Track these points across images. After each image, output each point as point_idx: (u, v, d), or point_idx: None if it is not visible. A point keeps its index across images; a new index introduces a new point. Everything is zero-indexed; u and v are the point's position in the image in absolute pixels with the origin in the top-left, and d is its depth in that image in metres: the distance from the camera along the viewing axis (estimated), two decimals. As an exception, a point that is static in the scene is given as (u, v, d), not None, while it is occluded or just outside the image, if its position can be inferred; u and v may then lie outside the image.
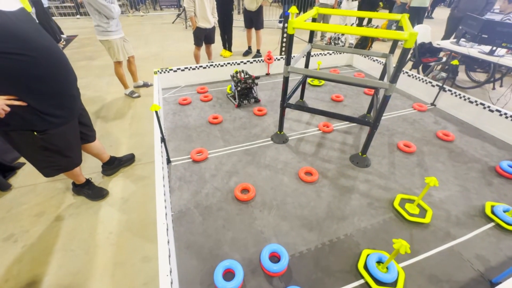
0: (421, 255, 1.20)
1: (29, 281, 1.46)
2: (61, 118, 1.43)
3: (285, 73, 1.64)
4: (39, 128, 1.36)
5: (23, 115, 1.28)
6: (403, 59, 1.27)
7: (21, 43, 1.18)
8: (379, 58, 3.05)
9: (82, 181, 1.96)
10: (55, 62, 1.34)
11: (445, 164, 1.76)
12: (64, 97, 1.42)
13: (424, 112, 2.40)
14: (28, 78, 1.23)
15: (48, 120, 1.37)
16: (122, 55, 3.32)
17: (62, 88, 1.39)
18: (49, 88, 1.33)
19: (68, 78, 1.44)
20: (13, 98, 1.23)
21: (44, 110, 1.33)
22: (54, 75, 1.33)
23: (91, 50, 5.57)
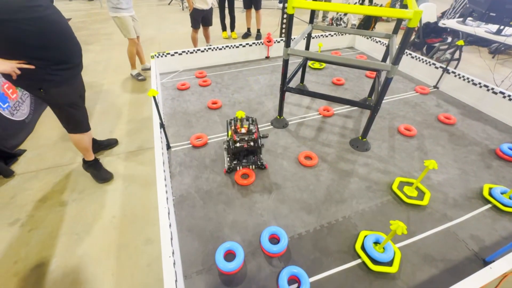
0: (417, 236, 1.23)
1: (38, 263, 1.52)
2: (63, 79, 1.60)
3: (284, 56, 1.60)
4: (44, 87, 1.55)
5: (30, 76, 1.47)
6: (406, 40, 1.23)
7: (31, 14, 1.36)
8: (382, 39, 2.96)
9: (91, 158, 2.05)
10: (61, 33, 1.51)
11: (445, 147, 1.76)
12: (67, 64, 1.59)
13: (427, 95, 2.36)
14: (37, 46, 1.42)
15: (51, 80, 1.54)
16: (132, 32, 3.28)
17: (65, 56, 1.57)
18: (54, 55, 1.50)
19: (72, 48, 1.61)
20: (23, 62, 1.42)
21: (49, 72, 1.51)
22: (59, 45, 1.51)
23: (86, 34, 5.42)
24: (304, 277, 1.03)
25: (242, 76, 2.71)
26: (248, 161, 1.55)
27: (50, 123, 2.75)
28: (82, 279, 1.44)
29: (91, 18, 6.55)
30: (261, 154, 1.55)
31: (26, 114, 2.65)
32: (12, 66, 1.39)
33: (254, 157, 1.57)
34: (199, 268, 1.12)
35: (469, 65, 4.12)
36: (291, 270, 1.05)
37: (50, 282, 1.43)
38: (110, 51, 4.60)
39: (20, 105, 2.61)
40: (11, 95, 2.52)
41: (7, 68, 1.38)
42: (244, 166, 1.54)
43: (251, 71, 2.82)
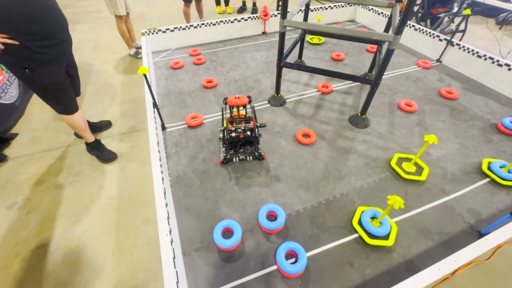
0: (414, 210, 1.23)
1: (38, 244, 1.53)
2: (51, 56, 1.53)
3: (281, 28, 1.51)
4: (29, 66, 1.48)
5: (16, 53, 1.41)
6: (409, 7, 1.15)
7: None
8: (384, 11, 2.81)
9: (91, 139, 2.04)
10: (45, 7, 1.44)
11: (445, 122, 1.73)
12: (54, 39, 1.52)
13: (429, 69, 2.28)
14: (19, 19, 1.35)
15: (36, 58, 1.47)
16: (121, 8, 3.03)
17: (51, 30, 1.50)
18: (39, 29, 1.43)
19: (57, 21, 1.53)
20: (6, 37, 1.35)
21: (35, 50, 1.44)
22: (43, 18, 1.44)
23: (73, 12, 5.13)
24: (301, 252, 1.04)
25: (238, 53, 2.60)
26: (245, 151, 1.46)
27: (41, 105, 2.66)
28: (82, 259, 1.46)
29: (76, -6, 6.16)
30: (259, 144, 1.46)
31: (15, 96, 2.56)
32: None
33: (251, 147, 1.47)
34: (198, 245, 1.13)
35: (475, 37, 3.97)
36: (288, 245, 1.06)
37: (51, 262, 1.45)
38: (99, 30, 4.38)
39: (8, 87, 2.51)
40: (-3, 77, 2.41)
41: None
42: (241, 158, 1.46)
43: (247, 47, 2.70)
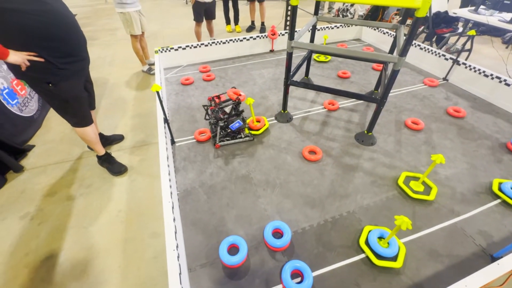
0: (423, 231, 1.21)
1: (47, 255, 1.56)
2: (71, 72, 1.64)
3: (288, 49, 1.57)
4: (53, 81, 1.58)
5: (39, 69, 1.50)
6: (414, 30, 1.19)
7: (41, 6, 1.42)
8: (390, 31, 2.88)
9: (102, 152, 2.10)
10: (69, 26, 1.56)
11: (453, 141, 1.72)
12: (75, 56, 1.64)
13: (435, 87, 2.30)
14: (46, 38, 1.46)
15: (60, 74, 1.58)
16: (137, 28, 3.26)
17: (74, 49, 1.61)
18: (63, 46, 1.54)
19: (79, 41, 1.66)
20: (33, 55, 1.45)
21: (58, 66, 1.55)
22: (68, 37, 1.56)
23: (91, 30, 5.44)
24: (307, 271, 1.03)
25: (246, 70, 2.68)
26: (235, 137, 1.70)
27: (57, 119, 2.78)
28: (90, 271, 1.48)
29: (96, 14, 6.57)
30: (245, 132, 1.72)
31: (34, 110, 2.70)
32: (23, 57, 1.41)
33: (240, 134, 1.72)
34: (203, 261, 1.13)
35: (481, 56, 3.99)
36: (294, 264, 1.05)
37: (59, 274, 1.47)
38: (115, 47, 4.62)
39: (29, 101, 2.65)
40: (20, 91, 2.56)
41: (18, 59, 1.40)
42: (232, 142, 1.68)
43: (255, 65, 2.79)
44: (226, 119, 1.63)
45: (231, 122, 1.62)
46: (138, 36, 3.37)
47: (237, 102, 1.67)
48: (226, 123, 1.64)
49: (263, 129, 1.82)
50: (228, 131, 1.68)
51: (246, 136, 1.73)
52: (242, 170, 1.55)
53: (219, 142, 1.67)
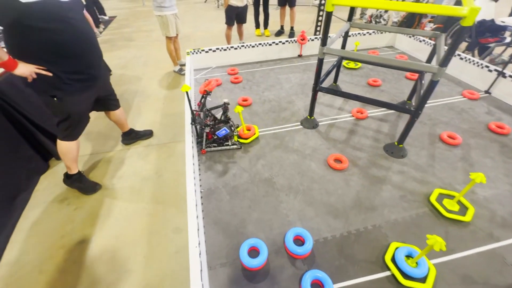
0: (456, 254, 1.13)
1: (80, 240, 1.69)
2: (77, 89, 1.63)
3: (320, 55, 1.56)
4: (58, 95, 1.57)
5: (47, 83, 1.50)
6: (458, 40, 1.13)
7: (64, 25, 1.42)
8: (427, 39, 2.74)
9: (75, 170, 1.96)
10: (86, 44, 1.57)
11: (495, 159, 1.59)
12: (84, 74, 1.63)
13: (476, 100, 2.14)
14: (61, 54, 1.47)
15: (67, 89, 1.57)
16: (172, 31, 3.43)
17: (85, 66, 1.61)
18: (75, 63, 1.55)
19: (92, 58, 1.65)
20: (42, 68, 1.45)
21: (66, 81, 1.54)
22: (82, 54, 1.56)
23: (129, 31, 5.81)
24: (328, 283, 1.01)
25: (273, 74, 2.70)
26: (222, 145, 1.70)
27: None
28: (117, 258, 1.57)
29: (134, 16, 7.00)
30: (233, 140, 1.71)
31: (75, 103, 2.93)
32: (31, 70, 1.42)
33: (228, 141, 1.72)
34: (223, 260, 1.15)
35: None
36: (314, 273, 1.04)
37: (90, 257, 1.58)
38: (149, 47, 4.88)
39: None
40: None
41: (26, 72, 1.40)
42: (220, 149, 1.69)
43: (283, 69, 2.80)
44: (212, 125, 1.61)
45: (218, 129, 1.60)
46: (173, 38, 3.54)
47: (225, 109, 1.65)
48: (213, 130, 1.61)
49: (253, 138, 1.78)
50: (215, 138, 1.66)
51: (233, 144, 1.71)
52: (265, 173, 1.56)
53: (205, 147, 1.67)
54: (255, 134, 1.80)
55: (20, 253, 1.64)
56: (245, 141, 1.77)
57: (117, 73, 3.92)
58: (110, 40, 5.29)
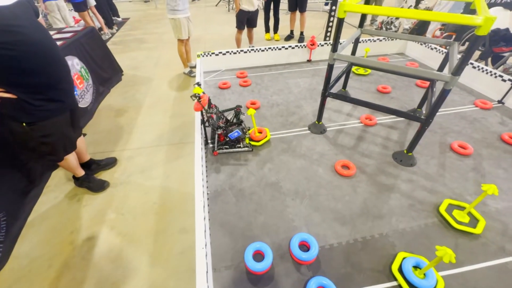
0: (466, 267, 1.11)
1: (89, 236, 1.72)
2: (51, 110, 1.45)
3: (330, 60, 1.56)
4: (27, 120, 1.39)
5: (12, 107, 1.33)
6: (472, 48, 1.12)
7: (11, 37, 1.20)
8: (439, 47, 2.71)
9: (81, 173, 1.95)
10: (46, 58, 1.35)
11: (508, 171, 1.55)
12: (54, 90, 1.43)
13: (489, 110, 2.10)
14: (18, 71, 1.26)
15: (36, 113, 1.39)
16: (184, 33, 3.52)
17: (52, 82, 1.40)
18: (38, 82, 1.34)
19: (58, 73, 1.44)
20: (2, 91, 1.27)
21: (33, 103, 1.35)
22: (44, 69, 1.34)
23: (141, 33, 5.94)
24: (333, 290, 1.00)
25: (282, 78, 2.71)
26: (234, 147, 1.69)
27: (107, 111, 3.08)
28: (123, 256, 1.60)
29: (146, 18, 7.15)
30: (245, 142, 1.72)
31: (88, 102, 3.01)
32: None
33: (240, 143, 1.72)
34: (228, 263, 1.16)
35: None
36: (320, 280, 1.03)
37: (97, 254, 1.61)
38: (161, 49, 4.97)
39: (85, 94, 2.97)
40: (79, 84, 2.88)
41: None
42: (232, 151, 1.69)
43: (291, 73, 2.81)
44: (225, 127, 1.63)
45: (230, 131, 1.61)
46: (184, 40, 3.60)
47: (237, 112, 1.70)
48: (225, 132, 1.63)
49: (264, 140, 1.78)
50: (227, 140, 1.67)
51: (245, 147, 1.72)
52: (272, 177, 1.56)
53: (217, 149, 1.68)
54: (267, 136, 1.81)
55: (31, 247, 1.68)
56: (256, 143, 1.78)
57: (129, 73, 4.01)
58: (122, 42, 5.42)
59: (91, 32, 3.38)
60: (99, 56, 3.47)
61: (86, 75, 3.06)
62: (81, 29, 3.28)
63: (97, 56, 3.39)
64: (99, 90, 3.32)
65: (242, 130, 1.63)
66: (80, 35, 3.11)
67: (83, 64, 3.04)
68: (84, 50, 3.12)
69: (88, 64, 3.16)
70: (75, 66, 2.84)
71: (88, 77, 3.10)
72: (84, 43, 3.14)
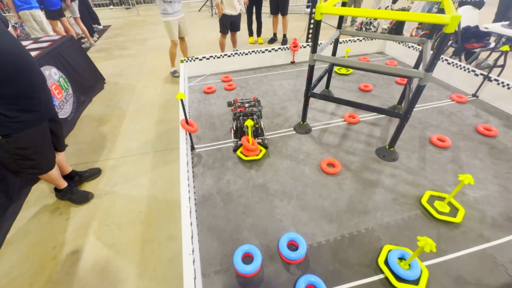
0: (448, 255, 1.14)
1: (73, 250, 1.65)
2: (27, 121, 1.41)
3: (310, 61, 1.59)
4: (2, 132, 1.35)
5: None
6: (442, 46, 1.17)
7: None
8: (415, 45, 2.82)
9: (63, 185, 1.89)
10: (18, 66, 1.32)
11: (483, 161, 1.62)
12: (29, 100, 1.39)
13: (464, 104, 2.20)
14: None
15: (11, 124, 1.35)
16: (175, 35, 3.65)
17: (26, 91, 1.37)
18: (11, 91, 1.31)
19: (32, 81, 1.40)
20: None
21: (7, 114, 1.32)
22: (19, 79, 1.31)
23: (123, 40, 5.84)
24: (323, 287, 1.00)
25: (267, 80, 2.74)
26: None
27: (88, 121, 3.00)
28: (109, 268, 1.54)
29: (128, 25, 7.04)
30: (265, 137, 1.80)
31: (68, 112, 2.92)
32: None
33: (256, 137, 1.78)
34: (217, 268, 1.14)
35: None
36: (309, 278, 1.04)
37: (82, 268, 1.55)
38: (144, 56, 4.90)
39: (64, 104, 2.87)
40: (57, 95, 2.79)
41: None
42: None
43: (276, 75, 2.84)
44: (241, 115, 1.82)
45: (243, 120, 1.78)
46: (177, 41, 3.73)
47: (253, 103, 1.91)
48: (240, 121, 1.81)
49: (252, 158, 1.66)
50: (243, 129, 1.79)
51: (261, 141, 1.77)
52: (259, 179, 1.57)
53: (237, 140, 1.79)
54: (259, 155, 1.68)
55: (11, 265, 1.60)
56: (245, 157, 1.68)
57: (112, 81, 3.93)
58: (104, 49, 5.31)
59: (69, 41, 3.29)
60: (79, 64, 3.38)
61: (65, 84, 2.97)
62: (58, 38, 3.19)
63: (77, 64, 3.30)
64: (80, 100, 3.23)
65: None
66: (58, 44, 3.02)
67: (62, 73, 2.95)
68: (62, 59, 3.03)
69: (68, 73, 3.06)
70: (52, 76, 2.75)
71: (67, 86, 3.01)
72: (63, 52, 3.05)
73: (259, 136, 1.79)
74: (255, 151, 1.67)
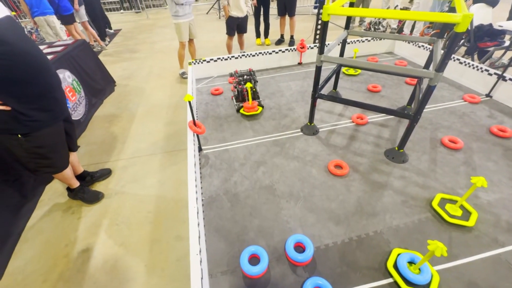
0: (460, 260, 1.11)
1: (84, 248, 1.70)
2: (44, 121, 1.47)
3: (317, 63, 1.59)
4: (22, 131, 1.41)
5: (6, 119, 1.35)
6: (453, 45, 1.14)
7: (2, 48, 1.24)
8: (425, 44, 2.76)
9: (76, 185, 1.95)
10: (36, 67, 1.39)
11: (498, 163, 1.57)
12: (46, 99, 1.46)
13: (477, 104, 2.14)
14: (10, 82, 1.30)
15: (30, 123, 1.41)
16: (184, 36, 3.72)
17: (43, 91, 1.43)
18: (30, 91, 1.37)
19: (49, 82, 1.47)
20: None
21: (27, 113, 1.38)
22: (35, 79, 1.38)
23: (133, 43, 5.96)
24: (330, 290, 1.00)
25: (274, 82, 2.74)
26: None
27: (99, 123, 3.07)
28: (119, 267, 1.57)
29: (138, 28, 7.19)
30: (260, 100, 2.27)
31: (81, 114, 3.00)
32: None
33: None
34: (224, 268, 1.15)
35: None
36: (316, 281, 1.03)
37: (92, 266, 1.59)
38: (153, 59, 4.99)
39: (78, 106, 2.96)
40: (71, 97, 2.87)
41: None
42: None
43: (283, 77, 2.84)
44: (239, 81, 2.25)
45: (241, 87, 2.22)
46: (185, 43, 3.80)
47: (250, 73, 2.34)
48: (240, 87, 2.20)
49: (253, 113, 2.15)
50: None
51: None
52: (266, 180, 1.57)
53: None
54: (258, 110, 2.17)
55: (25, 262, 1.65)
56: (245, 113, 2.16)
57: (122, 84, 4.01)
58: (115, 53, 5.43)
59: (82, 45, 3.39)
60: (91, 68, 3.47)
61: (78, 87, 3.06)
62: (71, 42, 3.29)
63: (88, 68, 3.39)
64: (92, 102, 3.32)
65: None
66: (71, 48, 3.12)
67: (75, 76, 3.04)
68: (75, 62, 3.12)
69: (80, 77, 3.15)
70: (66, 79, 2.84)
71: (80, 89, 3.10)
72: (75, 56, 3.14)
73: (255, 99, 2.23)
74: (254, 107, 2.14)
